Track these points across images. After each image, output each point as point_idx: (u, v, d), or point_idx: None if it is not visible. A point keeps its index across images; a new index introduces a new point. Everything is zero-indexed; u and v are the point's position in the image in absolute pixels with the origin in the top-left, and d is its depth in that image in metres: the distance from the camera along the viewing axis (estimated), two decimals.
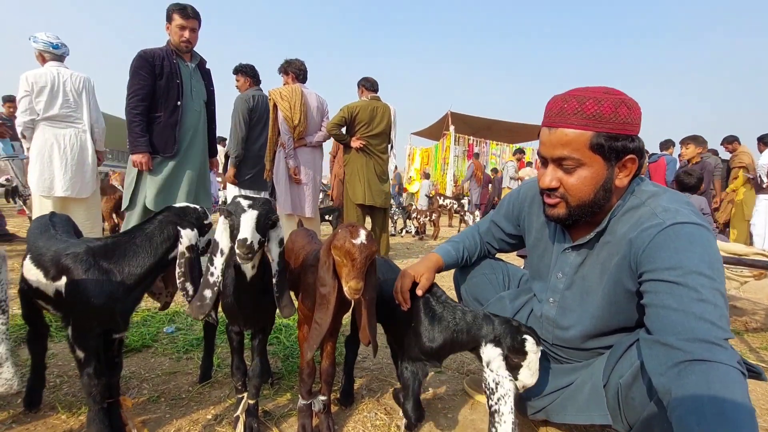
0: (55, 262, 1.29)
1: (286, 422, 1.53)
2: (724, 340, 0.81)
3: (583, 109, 0.98)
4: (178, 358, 2.01)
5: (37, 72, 3.39)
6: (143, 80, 2.83)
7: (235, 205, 1.17)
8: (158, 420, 1.51)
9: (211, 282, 1.21)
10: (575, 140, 1.00)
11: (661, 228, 0.94)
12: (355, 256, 1.08)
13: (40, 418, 1.47)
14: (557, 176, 1.07)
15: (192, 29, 2.91)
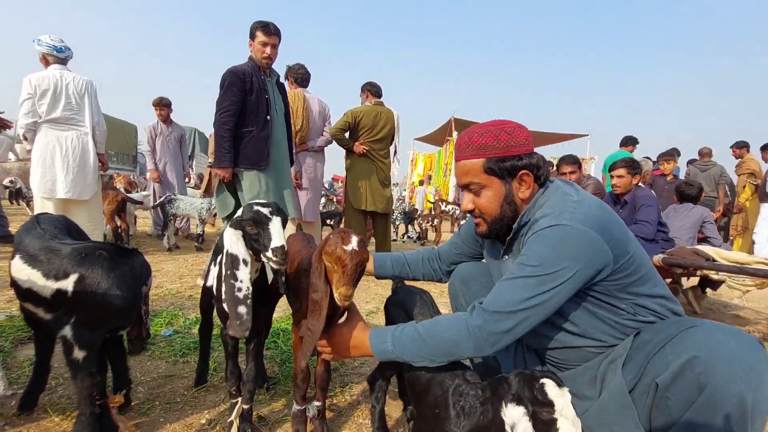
0: (59, 261, 1.29)
1: (281, 428, 1.52)
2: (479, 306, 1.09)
3: (471, 142, 1.18)
4: (174, 362, 1.99)
5: (40, 75, 3.41)
6: (234, 96, 2.87)
7: (257, 214, 1.16)
8: (152, 423, 1.49)
9: (241, 297, 1.18)
10: (472, 168, 1.18)
11: (532, 234, 1.11)
12: (346, 263, 1.07)
13: (33, 420, 1.46)
14: (471, 199, 1.23)
15: (273, 46, 2.96)
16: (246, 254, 1.19)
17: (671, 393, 0.95)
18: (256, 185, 2.99)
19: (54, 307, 1.29)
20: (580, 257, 1.03)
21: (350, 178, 4.25)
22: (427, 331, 1.12)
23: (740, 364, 0.87)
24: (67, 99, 3.48)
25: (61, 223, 1.58)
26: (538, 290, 1.04)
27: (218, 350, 2.12)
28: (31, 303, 1.35)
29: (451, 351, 1.09)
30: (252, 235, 1.17)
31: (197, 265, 4.19)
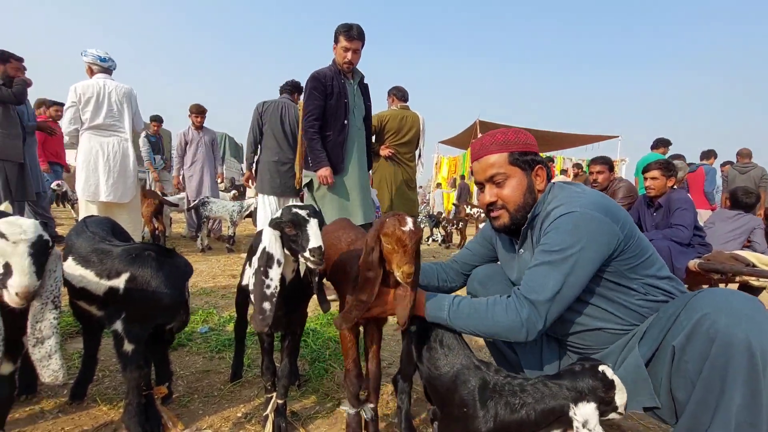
0: (112, 261, 1.39)
1: (313, 423, 1.56)
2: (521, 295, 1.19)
3: (495, 140, 1.33)
4: (210, 357, 2.08)
5: (85, 83, 3.63)
6: (317, 100, 2.99)
7: (295, 216, 1.21)
8: (191, 415, 1.57)
9: (268, 294, 1.23)
10: (498, 161, 1.32)
11: (549, 223, 1.22)
12: (406, 243, 1.14)
13: (83, 409, 1.56)
14: (494, 192, 1.34)
15: (355, 50, 2.99)
16: (281, 254, 1.24)
17: (687, 353, 1.03)
18: (335, 190, 3.07)
19: (105, 303, 1.39)
20: (595, 237, 1.15)
21: (376, 181, 4.29)
22: (484, 312, 1.23)
23: (741, 313, 0.97)
24: (109, 106, 3.68)
25: (107, 225, 1.69)
26: (565, 272, 1.15)
27: (253, 347, 2.19)
28: (84, 300, 1.45)
29: (505, 335, 1.22)
30: (290, 236, 1.22)
31: (229, 266, 4.32)
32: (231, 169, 15.99)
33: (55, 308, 1.15)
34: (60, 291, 1.18)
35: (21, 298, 1.01)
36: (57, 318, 1.16)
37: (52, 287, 1.14)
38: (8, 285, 1.01)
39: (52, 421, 1.47)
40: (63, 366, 1.16)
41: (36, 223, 1.08)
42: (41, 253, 1.07)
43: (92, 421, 1.49)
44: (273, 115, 4.36)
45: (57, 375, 1.14)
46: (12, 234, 1.01)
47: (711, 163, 6.51)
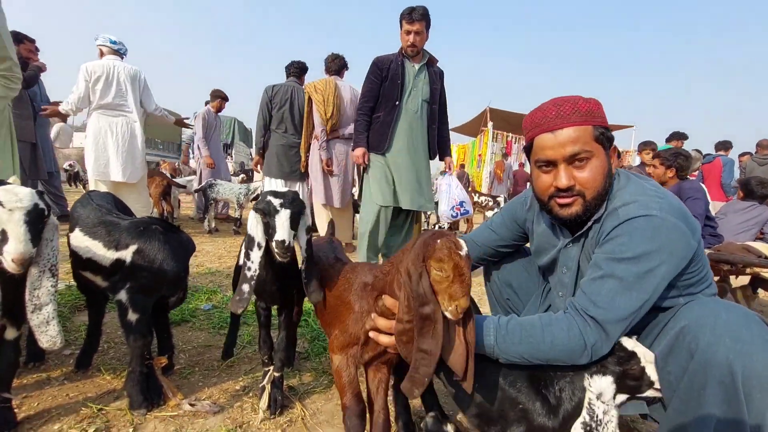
0: (119, 233, 1.43)
1: (309, 398, 1.59)
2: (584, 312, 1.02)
3: (578, 108, 1.09)
4: (213, 333, 2.12)
5: (95, 63, 3.66)
6: (371, 84, 3.04)
7: (267, 204, 1.19)
8: (191, 386, 1.61)
9: (248, 276, 1.23)
10: (583, 135, 1.08)
11: (615, 225, 1.05)
12: (464, 271, 0.94)
13: (88, 377, 1.61)
14: (571, 174, 1.11)
15: (417, 32, 2.92)
16: (262, 238, 1.23)
17: (669, 363, 0.99)
18: (375, 169, 3.08)
19: (111, 274, 1.43)
20: (675, 251, 0.98)
21: None
22: (540, 335, 1.03)
23: (726, 333, 0.88)
24: (118, 86, 3.71)
25: (110, 200, 1.72)
26: (641, 289, 0.98)
27: (252, 325, 2.23)
28: (89, 271, 1.48)
29: (559, 360, 1.03)
30: (264, 224, 1.21)
31: (235, 247, 4.37)
32: (240, 153, 16.07)
33: (53, 276, 1.18)
34: (57, 259, 1.20)
35: (17, 264, 1.03)
36: (54, 285, 1.18)
37: (49, 255, 1.16)
38: (4, 251, 1.03)
39: (58, 387, 1.52)
40: (60, 332, 1.19)
41: (32, 191, 1.10)
42: (37, 221, 1.09)
43: (96, 388, 1.53)
44: (282, 98, 4.36)
45: (55, 340, 1.17)
46: (8, 201, 1.03)
47: (727, 154, 6.35)
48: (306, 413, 1.49)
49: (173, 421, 1.37)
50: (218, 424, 1.37)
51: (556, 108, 1.10)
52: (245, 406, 1.49)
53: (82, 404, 1.42)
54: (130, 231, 1.43)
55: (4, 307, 1.15)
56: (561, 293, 1.28)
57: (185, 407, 1.43)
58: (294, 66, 4.57)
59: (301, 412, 1.48)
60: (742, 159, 7.14)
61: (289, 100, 4.37)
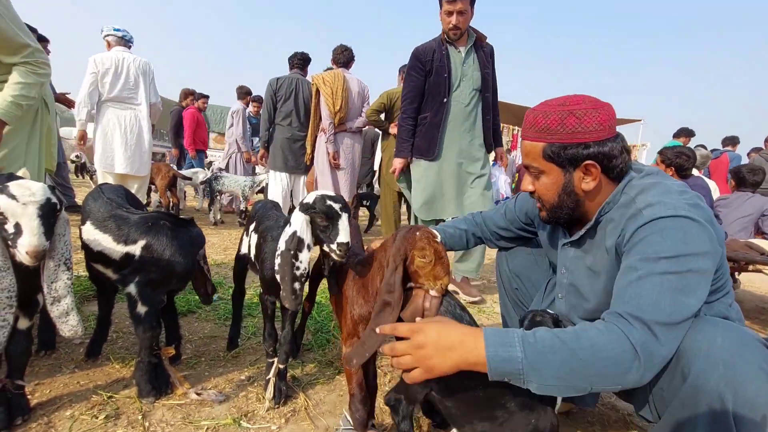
0: (129, 228, 1.46)
1: (312, 388, 1.63)
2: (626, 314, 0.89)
3: (535, 123, 1.08)
4: (219, 324, 2.16)
5: (103, 55, 3.67)
6: (413, 81, 2.68)
7: (329, 209, 1.21)
8: (198, 376, 1.65)
9: (299, 275, 1.26)
10: (532, 151, 1.10)
11: (640, 225, 0.97)
12: (442, 255, 1.09)
13: (98, 366, 1.65)
14: (531, 181, 1.16)
15: (460, 12, 2.48)
16: (311, 240, 1.26)
17: (661, 381, 0.97)
18: (424, 179, 2.77)
19: (121, 267, 1.46)
20: (708, 253, 0.91)
21: (386, 160, 4.28)
22: (573, 339, 0.87)
23: (720, 360, 0.85)
24: (127, 78, 3.71)
25: (122, 193, 1.75)
26: (686, 289, 0.88)
27: (257, 317, 2.27)
28: (101, 264, 1.52)
29: (609, 374, 0.85)
30: (321, 226, 1.23)
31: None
32: None
33: (68, 269, 1.22)
34: (71, 253, 1.24)
35: (31, 257, 1.07)
36: (70, 278, 1.22)
37: (62, 250, 1.20)
38: (19, 244, 1.06)
39: (69, 375, 1.56)
40: (80, 322, 1.24)
41: (44, 186, 1.12)
42: (50, 215, 1.12)
43: (105, 377, 1.58)
44: (287, 91, 4.35)
45: (76, 330, 1.23)
46: (22, 196, 1.06)
47: (734, 149, 6.29)
48: (309, 403, 1.52)
49: (180, 409, 1.42)
50: (224, 413, 1.41)
51: (526, 117, 1.12)
52: (250, 396, 1.53)
53: (93, 392, 1.46)
54: (140, 226, 1.46)
55: (21, 299, 1.18)
56: (560, 295, 1.28)
57: (192, 396, 1.47)
58: (297, 57, 4.54)
59: (304, 402, 1.52)
60: (752, 155, 7.06)
61: (294, 93, 4.36)
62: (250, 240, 1.63)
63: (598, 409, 1.67)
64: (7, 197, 1.05)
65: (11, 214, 1.06)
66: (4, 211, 1.05)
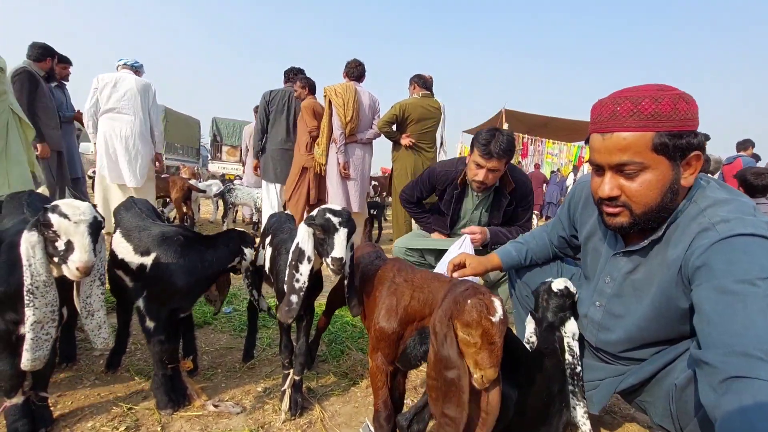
0: (141, 238, 1.49)
1: (328, 400, 1.63)
2: (755, 352, 0.73)
3: (639, 109, 0.93)
4: (234, 336, 2.18)
5: (106, 74, 3.90)
6: (418, 192, 2.50)
7: (327, 222, 1.22)
8: (215, 387, 1.66)
9: (297, 288, 1.27)
10: (635, 143, 0.94)
11: (715, 241, 0.89)
12: (495, 339, 0.85)
13: (118, 378, 1.68)
14: (617, 183, 1.00)
15: (492, 170, 2.06)
16: (312, 252, 1.27)
17: (686, 394, 0.98)
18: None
19: (136, 279, 1.49)
20: None
21: (396, 170, 4.31)
22: None
23: None
24: (124, 91, 3.87)
25: (149, 206, 1.79)
26: None
27: (272, 328, 2.28)
28: (122, 272, 1.56)
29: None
30: (319, 239, 1.24)
31: None
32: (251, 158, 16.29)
33: (101, 284, 1.27)
34: (104, 269, 1.29)
35: (81, 273, 1.10)
36: (103, 293, 1.28)
37: (98, 266, 1.24)
38: (69, 260, 1.10)
39: (90, 387, 1.59)
40: (111, 334, 1.30)
41: (91, 206, 1.17)
42: (96, 233, 1.16)
43: (125, 388, 1.60)
44: (279, 103, 4.46)
45: (107, 342, 1.29)
46: (74, 215, 1.10)
47: (749, 153, 6.16)
48: (325, 415, 1.52)
49: (198, 421, 1.43)
50: (241, 424, 1.42)
51: (613, 106, 0.96)
52: (266, 408, 1.54)
53: (113, 403, 1.49)
54: (156, 238, 1.48)
55: None
56: (599, 302, 1.23)
57: (209, 408, 1.49)
58: (292, 72, 4.66)
59: (320, 414, 1.52)
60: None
61: (285, 105, 4.48)
62: (265, 253, 1.65)
63: (617, 421, 1.63)
64: (59, 216, 1.09)
65: (64, 233, 1.10)
66: (57, 229, 1.09)
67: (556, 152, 12.54)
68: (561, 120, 12.66)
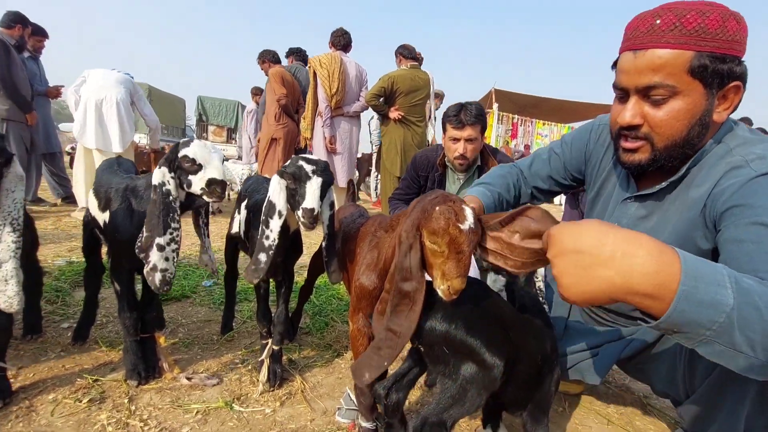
0: (105, 194, 1.38)
1: (309, 372, 1.56)
2: None
3: (682, 23, 0.80)
4: (214, 309, 2.09)
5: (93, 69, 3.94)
6: (407, 186, 2.46)
7: (298, 169, 1.11)
8: (190, 360, 1.58)
9: (266, 245, 1.16)
10: (671, 63, 0.82)
11: (752, 177, 0.80)
12: (463, 247, 0.80)
13: (85, 351, 1.58)
14: (641, 111, 0.88)
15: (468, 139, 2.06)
16: (284, 206, 1.16)
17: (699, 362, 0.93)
18: None
19: (104, 236, 1.41)
20: None
21: (385, 145, 4.19)
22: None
23: None
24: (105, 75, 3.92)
25: (131, 166, 1.66)
26: None
27: (253, 300, 2.20)
28: (97, 230, 1.47)
29: None
30: (291, 190, 1.14)
31: None
32: (244, 138, 15.98)
33: (14, 231, 1.11)
34: (20, 214, 1.14)
35: None
36: (16, 242, 1.12)
37: (9, 208, 1.10)
38: None
39: (54, 359, 1.49)
40: (19, 293, 1.11)
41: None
42: None
43: (93, 360, 1.51)
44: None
45: (11, 302, 1.11)
46: None
47: None
48: (306, 386, 1.45)
49: (170, 393, 1.35)
50: (216, 396, 1.34)
51: (652, 19, 0.84)
52: (244, 379, 1.46)
53: (78, 375, 1.39)
54: (115, 192, 1.35)
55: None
56: None
57: (183, 381, 1.41)
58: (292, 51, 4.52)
59: (301, 385, 1.45)
60: None
61: None
62: (240, 217, 1.55)
63: (612, 391, 1.60)
64: None
65: None
66: None
67: (547, 133, 12.49)
68: (552, 100, 12.57)
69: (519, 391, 0.97)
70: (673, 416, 1.43)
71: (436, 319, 0.82)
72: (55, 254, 2.71)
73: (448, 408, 0.81)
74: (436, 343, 0.83)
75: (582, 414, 1.42)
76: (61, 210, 4.37)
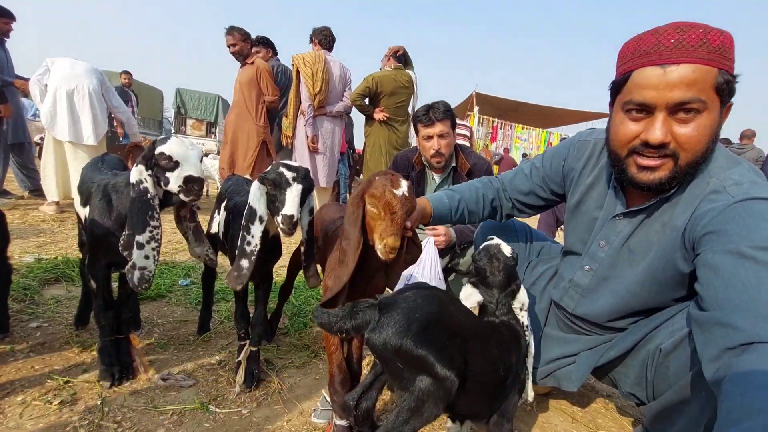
0: (87, 190, 1.38)
1: (287, 372, 1.57)
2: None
3: (708, 39, 0.81)
4: (190, 309, 2.07)
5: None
6: None
7: (279, 176, 1.13)
8: (165, 361, 1.56)
9: (248, 251, 1.17)
10: (702, 78, 0.81)
11: (729, 204, 0.83)
12: (396, 209, 0.95)
13: (56, 350, 1.55)
14: (670, 130, 0.87)
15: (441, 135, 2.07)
16: (264, 212, 1.18)
17: (671, 360, 0.98)
18: None
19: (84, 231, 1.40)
20: None
21: (369, 146, 4.21)
22: None
23: None
24: (72, 65, 3.79)
25: (117, 162, 1.63)
26: None
27: (230, 301, 2.18)
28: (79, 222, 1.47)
29: None
30: (271, 196, 1.16)
31: None
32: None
33: None
34: None
35: None
36: None
37: None
38: None
39: (23, 360, 1.46)
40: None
41: None
42: None
43: (63, 361, 1.48)
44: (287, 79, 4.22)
45: None
46: None
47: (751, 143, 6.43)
48: (283, 387, 1.46)
49: (144, 394, 1.33)
50: (191, 397, 1.34)
51: (677, 34, 0.83)
52: (221, 380, 1.46)
53: (48, 377, 1.36)
54: (95, 188, 1.34)
55: None
56: (588, 267, 1.17)
57: (158, 382, 1.39)
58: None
59: (278, 386, 1.46)
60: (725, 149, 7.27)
61: None
62: (220, 218, 1.54)
63: (578, 390, 1.67)
64: None
65: None
66: None
67: (525, 137, 12.75)
68: (531, 105, 12.84)
69: (480, 401, 0.99)
70: (634, 413, 1.51)
71: (389, 335, 0.83)
72: (23, 250, 2.62)
73: (408, 420, 0.84)
74: (390, 358, 0.86)
75: (548, 413, 1.49)
76: (28, 203, 4.21)
